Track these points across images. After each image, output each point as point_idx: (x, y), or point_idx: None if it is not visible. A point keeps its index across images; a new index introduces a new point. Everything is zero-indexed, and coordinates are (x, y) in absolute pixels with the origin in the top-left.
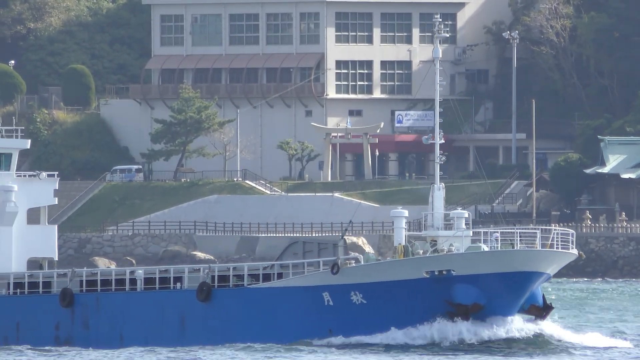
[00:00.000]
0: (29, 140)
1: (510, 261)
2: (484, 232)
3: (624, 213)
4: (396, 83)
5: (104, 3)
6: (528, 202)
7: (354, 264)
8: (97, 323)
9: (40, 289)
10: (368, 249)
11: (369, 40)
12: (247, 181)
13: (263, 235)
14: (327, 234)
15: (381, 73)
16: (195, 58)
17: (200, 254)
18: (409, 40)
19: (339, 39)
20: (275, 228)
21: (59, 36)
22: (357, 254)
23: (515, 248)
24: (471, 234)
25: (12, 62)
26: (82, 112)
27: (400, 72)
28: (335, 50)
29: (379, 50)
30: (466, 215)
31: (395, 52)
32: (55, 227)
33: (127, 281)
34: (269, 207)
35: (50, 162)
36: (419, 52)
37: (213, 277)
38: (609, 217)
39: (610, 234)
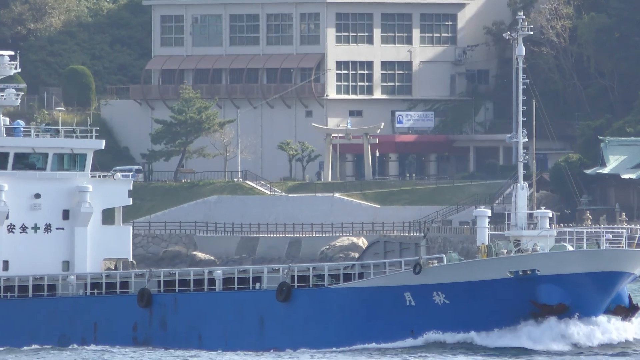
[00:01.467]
0: (104, 141)
1: (598, 261)
2: (568, 231)
3: (624, 213)
4: (396, 83)
5: (104, 3)
6: (528, 202)
7: (436, 264)
8: (175, 323)
9: (118, 290)
10: None
11: (369, 40)
12: (247, 182)
13: (263, 235)
14: (327, 235)
15: (381, 73)
16: (195, 58)
17: (200, 255)
18: (409, 41)
19: (339, 40)
20: (275, 228)
21: (60, 37)
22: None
23: (602, 248)
24: (555, 234)
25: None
26: (82, 112)
27: (401, 72)
28: (336, 51)
29: (379, 51)
30: (550, 215)
31: (396, 52)
32: (130, 227)
33: (206, 281)
34: (269, 207)
35: None
36: (419, 52)
37: (293, 277)
38: (609, 217)
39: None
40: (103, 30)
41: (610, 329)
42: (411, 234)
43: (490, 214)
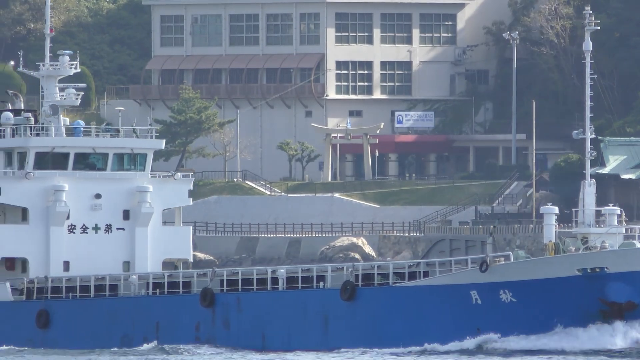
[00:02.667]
0: (164, 141)
1: None
2: (638, 228)
3: (624, 213)
4: (396, 84)
5: (104, 4)
6: (528, 202)
7: (503, 262)
8: (238, 323)
9: (180, 289)
10: (368, 249)
11: (369, 40)
12: (247, 182)
13: (263, 235)
14: (327, 235)
15: (381, 74)
16: (195, 58)
17: (200, 255)
18: (409, 41)
19: (339, 40)
20: (275, 229)
21: (59, 37)
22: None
23: None
24: (624, 231)
25: (12, 62)
26: (82, 112)
27: (400, 72)
28: (336, 51)
29: (379, 51)
30: (618, 212)
31: (395, 52)
32: (190, 228)
33: (269, 280)
34: (269, 207)
35: None
36: (418, 52)
37: (357, 275)
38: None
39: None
40: (103, 31)
41: None
42: (411, 234)
43: (557, 211)
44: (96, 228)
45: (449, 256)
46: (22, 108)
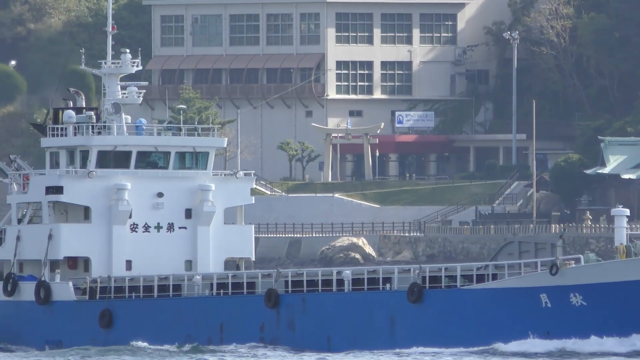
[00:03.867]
0: (226, 139)
1: None
2: None
3: None
4: (396, 83)
5: (104, 4)
6: (528, 202)
7: (573, 265)
8: (303, 324)
9: (245, 290)
10: (368, 249)
11: (370, 40)
12: None
13: (263, 235)
14: (327, 235)
15: (381, 73)
16: (195, 59)
17: None
18: (409, 41)
19: (339, 40)
20: (275, 228)
21: (60, 37)
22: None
23: None
24: None
25: (13, 62)
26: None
27: (401, 72)
28: (336, 51)
29: (379, 51)
30: (627, 213)
31: (396, 52)
32: (252, 227)
33: (334, 282)
34: (269, 207)
35: None
36: (419, 52)
37: (424, 277)
38: (609, 217)
39: (610, 235)
40: (103, 31)
41: None
42: (411, 234)
43: (628, 213)
44: (158, 227)
45: (518, 259)
46: (84, 106)
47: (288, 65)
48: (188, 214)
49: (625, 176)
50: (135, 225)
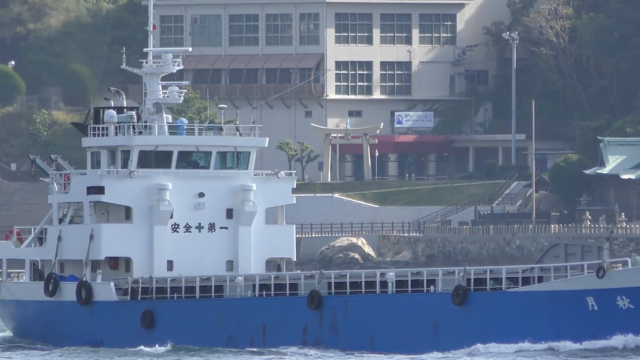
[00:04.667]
0: (267, 139)
1: None
2: None
3: (623, 214)
4: (396, 84)
5: (103, 4)
6: (528, 202)
7: (620, 268)
8: (346, 326)
9: (287, 291)
10: (367, 249)
11: (369, 41)
12: None
13: None
14: (326, 235)
15: (381, 74)
16: (194, 59)
17: None
18: (408, 41)
19: (338, 40)
20: None
21: (59, 37)
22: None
23: None
24: None
25: (12, 62)
26: (82, 112)
27: (400, 72)
28: (335, 51)
29: (378, 51)
30: None
31: (395, 52)
32: (294, 226)
33: (378, 284)
34: None
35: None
36: (418, 52)
37: (468, 280)
38: (608, 217)
39: (610, 235)
40: (102, 31)
41: None
42: (411, 234)
43: None
44: (199, 227)
45: (564, 261)
46: (125, 106)
47: (287, 65)
48: (229, 214)
49: (625, 176)
50: (176, 226)
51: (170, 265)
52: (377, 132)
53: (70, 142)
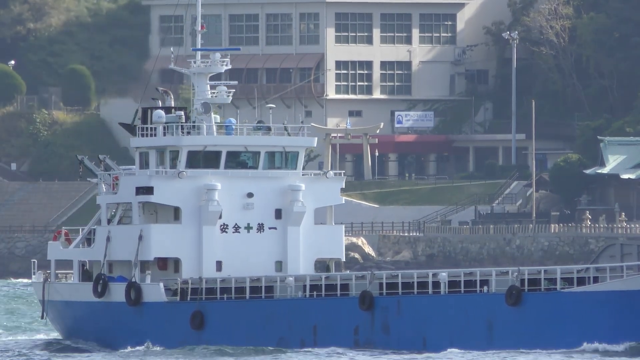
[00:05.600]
0: (316, 139)
1: None
2: None
3: (623, 213)
4: (396, 83)
5: (103, 4)
6: (528, 202)
7: None
8: (398, 327)
9: (338, 292)
10: (367, 249)
11: (369, 40)
12: None
13: None
14: None
15: (381, 73)
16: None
17: None
18: (408, 41)
19: (338, 40)
20: None
21: (59, 37)
22: None
23: None
24: None
25: (12, 62)
26: (82, 112)
27: (400, 72)
28: (335, 51)
29: (378, 51)
30: None
31: (395, 52)
32: (342, 227)
33: (430, 284)
34: None
35: (50, 162)
36: (418, 52)
37: (522, 280)
38: (608, 217)
39: (610, 235)
40: (102, 30)
41: None
42: (411, 233)
43: None
44: (248, 227)
45: (620, 261)
46: (173, 106)
47: (287, 65)
48: (278, 214)
49: (625, 176)
50: (225, 226)
51: (219, 265)
52: (377, 132)
53: (70, 142)
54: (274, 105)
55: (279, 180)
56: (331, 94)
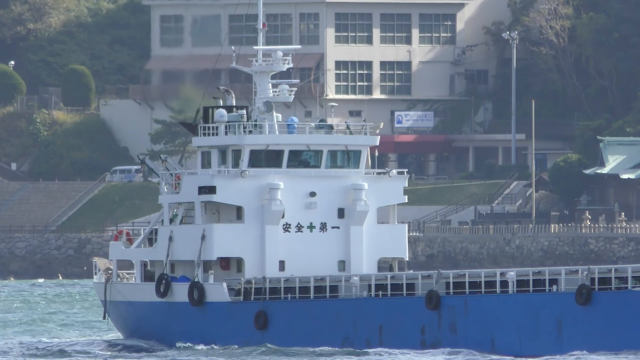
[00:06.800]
0: (379, 137)
1: None
2: None
3: (623, 213)
4: (396, 84)
5: (103, 4)
6: (527, 202)
7: None
8: (465, 327)
9: (404, 291)
10: None
11: (369, 40)
12: None
13: None
14: None
15: (381, 74)
16: (194, 59)
17: None
18: (408, 41)
19: (338, 40)
20: None
21: (59, 37)
22: None
23: None
24: None
25: (12, 62)
26: (82, 112)
27: (400, 72)
28: (335, 51)
29: (378, 51)
30: None
31: (395, 52)
32: (405, 226)
33: (498, 283)
34: None
35: (50, 162)
36: (418, 52)
37: (592, 279)
38: (608, 217)
39: (609, 235)
40: (102, 31)
41: None
42: (410, 233)
43: None
44: (311, 227)
45: None
46: (234, 105)
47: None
48: (341, 213)
49: (624, 176)
50: (287, 225)
51: (282, 265)
52: (377, 131)
53: (70, 142)
54: (336, 104)
55: (341, 179)
56: (331, 94)
